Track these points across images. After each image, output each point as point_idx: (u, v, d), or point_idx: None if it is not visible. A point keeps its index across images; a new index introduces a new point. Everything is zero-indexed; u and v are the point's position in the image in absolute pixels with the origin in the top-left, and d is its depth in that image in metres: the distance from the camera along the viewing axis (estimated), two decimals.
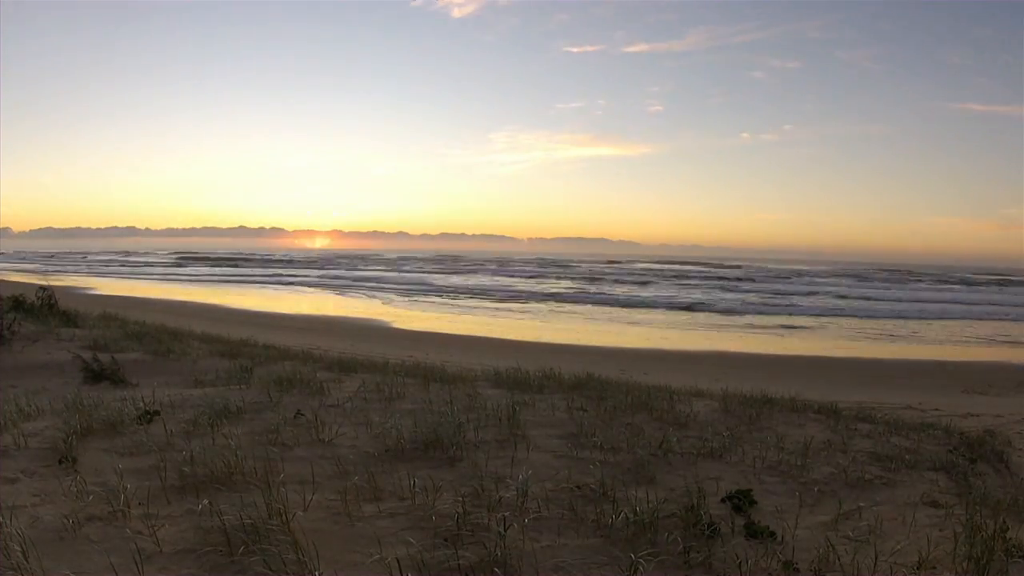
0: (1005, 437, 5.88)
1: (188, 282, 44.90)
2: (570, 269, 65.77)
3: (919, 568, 2.72)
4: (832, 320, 26.40)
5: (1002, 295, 42.68)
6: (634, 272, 61.31)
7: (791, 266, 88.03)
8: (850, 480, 3.77)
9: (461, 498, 3.05)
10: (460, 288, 40.16)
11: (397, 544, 2.75)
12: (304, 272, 57.25)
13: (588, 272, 59.11)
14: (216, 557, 2.64)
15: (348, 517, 3.00)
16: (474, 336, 19.23)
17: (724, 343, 19.45)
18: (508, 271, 60.73)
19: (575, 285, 43.09)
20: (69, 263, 69.40)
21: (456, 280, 47.74)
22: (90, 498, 3.12)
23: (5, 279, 32.04)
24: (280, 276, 51.35)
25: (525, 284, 43.98)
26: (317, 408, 4.69)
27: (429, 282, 45.00)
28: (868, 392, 10.57)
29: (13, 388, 6.01)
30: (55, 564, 2.57)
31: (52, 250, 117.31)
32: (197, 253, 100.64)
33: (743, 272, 64.39)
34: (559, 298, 34.35)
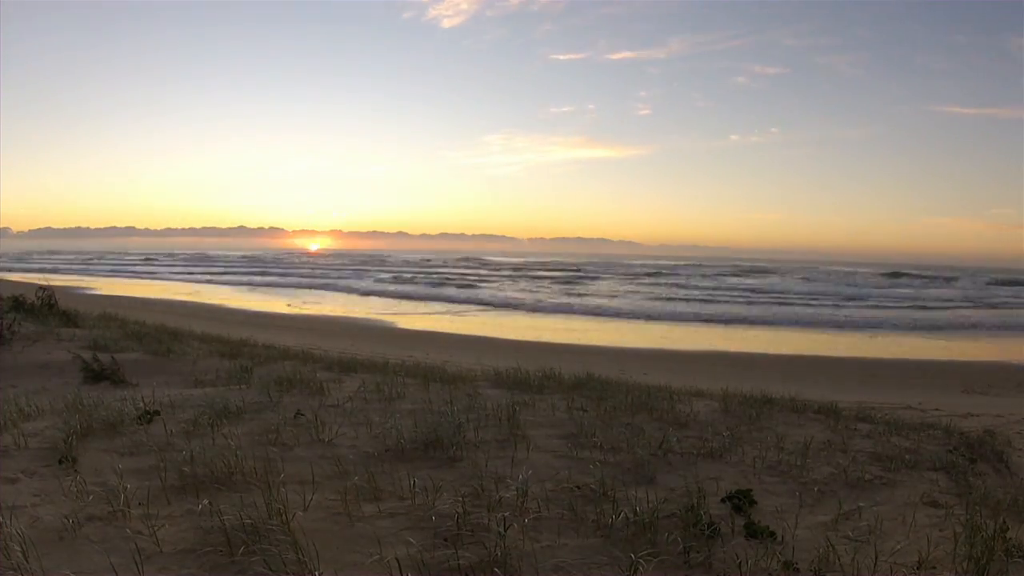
0: (1005, 437, 5.87)
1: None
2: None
3: (919, 568, 2.72)
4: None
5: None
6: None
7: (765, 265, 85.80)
8: (850, 480, 3.77)
9: (461, 498, 3.05)
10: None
11: (397, 544, 2.75)
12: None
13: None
14: (216, 557, 2.64)
15: (348, 517, 3.00)
16: (474, 336, 19.24)
17: (724, 343, 19.46)
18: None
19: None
20: (55, 263, 68.06)
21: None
22: (90, 498, 3.12)
23: (5, 279, 32.01)
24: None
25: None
26: (317, 408, 4.69)
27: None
28: (868, 392, 10.57)
29: (13, 388, 6.01)
30: (55, 564, 2.57)
31: (51, 250, 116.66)
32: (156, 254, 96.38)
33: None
34: None
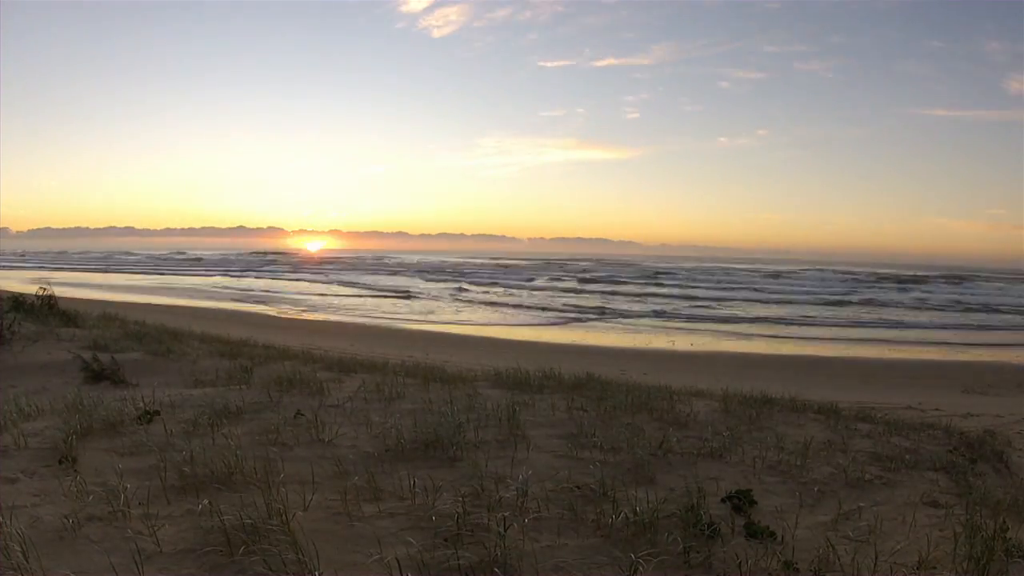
0: (1005, 437, 5.88)
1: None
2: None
3: (919, 568, 2.72)
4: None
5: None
6: None
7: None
8: (850, 480, 3.77)
9: (461, 498, 3.05)
10: None
11: (397, 544, 2.75)
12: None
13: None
14: (216, 557, 2.64)
15: (348, 517, 3.00)
16: (474, 336, 19.24)
17: (724, 343, 19.46)
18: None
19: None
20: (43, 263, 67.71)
21: None
22: (90, 498, 3.12)
23: (5, 279, 31.99)
24: None
25: None
26: (317, 408, 4.69)
27: None
28: (868, 392, 10.59)
29: (13, 388, 6.01)
30: (55, 564, 2.57)
31: (50, 250, 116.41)
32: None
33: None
34: None
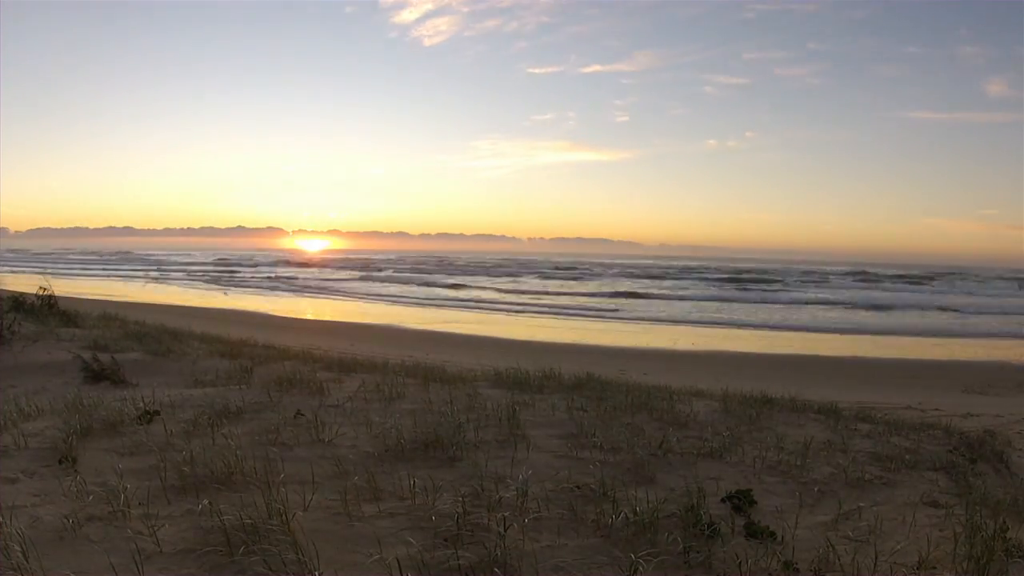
0: (1005, 437, 5.87)
1: None
2: None
3: (919, 568, 2.72)
4: None
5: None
6: None
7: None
8: (850, 480, 3.77)
9: (461, 498, 3.05)
10: None
11: (397, 544, 2.75)
12: None
13: None
14: (216, 557, 2.64)
15: (348, 517, 3.00)
16: (474, 336, 19.24)
17: (724, 343, 19.46)
18: None
19: None
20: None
21: None
22: (90, 498, 3.12)
23: (4, 279, 31.98)
24: None
25: None
26: (317, 408, 4.69)
27: None
28: (868, 392, 10.57)
29: (13, 388, 6.01)
30: (55, 564, 2.57)
31: (49, 250, 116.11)
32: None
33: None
34: None
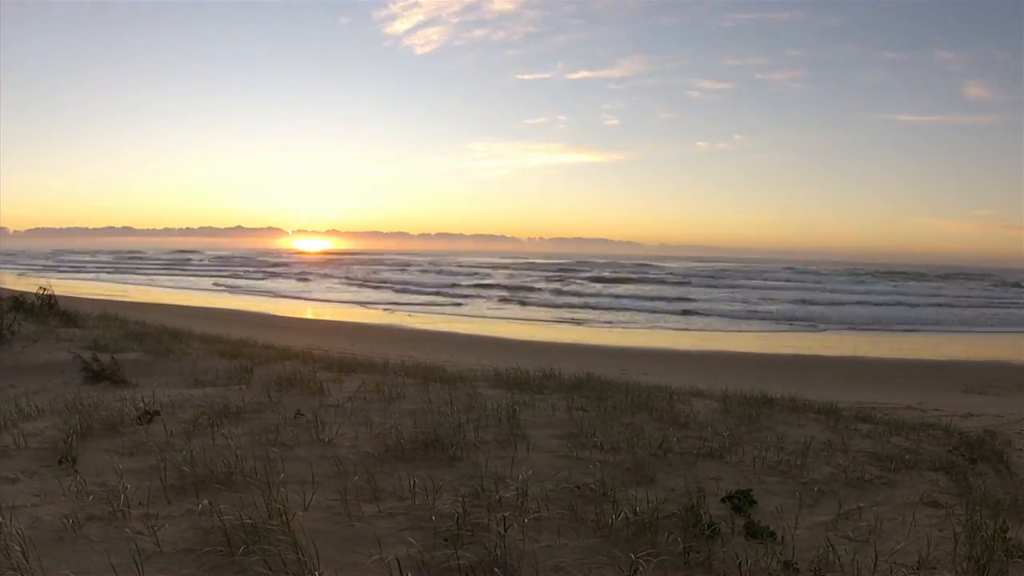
0: (1005, 437, 5.87)
1: None
2: None
3: (919, 568, 2.72)
4: None
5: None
6: None
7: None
8: (850, 480, 3.77)
9: (461, 498, 3.05)
10: None
11: (397, 544, 2.75)
12: None
13: None
14: (216, 557, 2.64)
15: (348, 517, 3.00)
16: (474, 335, 19.24)
17: (724, 343, 19.46)
18: None
19: None
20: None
21: None
22: (90, 498, 3.12)
23: (4, 279, 32.00)
24: None
25: None
26: (317, 408, 4.69)
27: None
28: (868, 392, 10.57)
29: (13, 388, 6.00)
30: (55, 564, 2.57)
31: (48, 250, 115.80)
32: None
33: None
34: None
